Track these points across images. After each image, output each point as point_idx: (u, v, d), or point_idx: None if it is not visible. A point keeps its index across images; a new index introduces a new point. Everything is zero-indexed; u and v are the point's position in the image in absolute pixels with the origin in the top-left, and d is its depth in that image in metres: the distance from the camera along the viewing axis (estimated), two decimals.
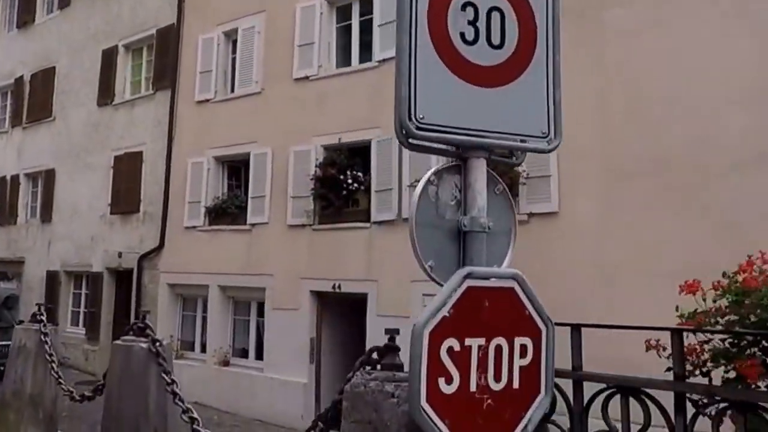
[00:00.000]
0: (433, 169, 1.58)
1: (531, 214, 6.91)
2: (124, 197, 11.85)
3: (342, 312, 9.07)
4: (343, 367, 9.34)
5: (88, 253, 12.63)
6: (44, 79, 14.39)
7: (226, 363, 9.64)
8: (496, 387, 1.46)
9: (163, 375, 3.43)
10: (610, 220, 6.46)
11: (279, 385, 8.78)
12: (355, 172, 8.40)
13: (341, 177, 8.38)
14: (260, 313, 9.58)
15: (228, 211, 9.89)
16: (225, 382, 9.51)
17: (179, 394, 3.27)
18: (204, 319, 10.38)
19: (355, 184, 8.35)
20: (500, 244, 1.69)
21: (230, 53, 10.73)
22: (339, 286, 8.31)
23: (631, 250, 6.26)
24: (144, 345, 3.54)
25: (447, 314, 1.44)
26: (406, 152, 7.84)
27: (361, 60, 9.04)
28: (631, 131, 6.47)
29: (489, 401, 1.45)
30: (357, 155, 8.58)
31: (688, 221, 6.01)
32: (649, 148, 6.34)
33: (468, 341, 1.43)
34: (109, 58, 12.77)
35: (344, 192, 8.41)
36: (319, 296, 8.78)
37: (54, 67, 14.20)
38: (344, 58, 9.35)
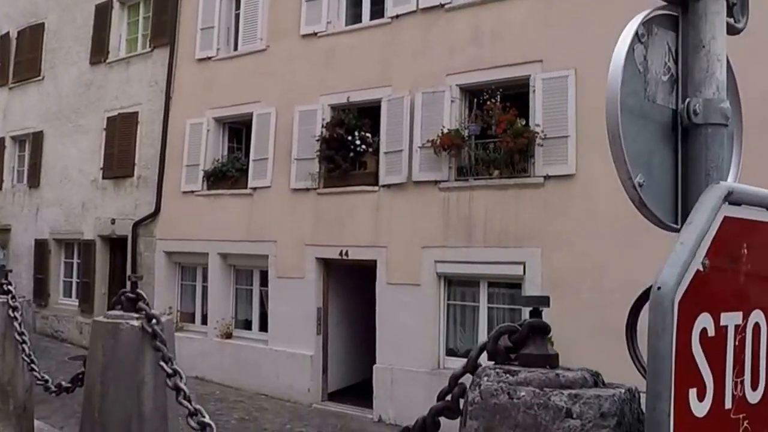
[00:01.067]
0: (640, 17, 1.03)
1: (547, 177, 6.89)
2: (118, 161, 11.79)
3: (350, 280, 9.09)
4: (352, 338, 9.42)
5: (78, 220, 12.62)
6: (32, 36, 14.19)
7: (228, 335, 9.70)
8: (752, 399, 0.99)
9: (162, 364, 2.58)
10: None
11: (285, 357, 8.84)
12: (363, 133, 8.34)
13: (349, 138, 8.32)
14: (263, 282, 9.61)
15: (228, 175, 9.85)
16: (227, 355, 9.58)
17: (184, 390, 2.47)
18: (204, 288, 10.40)
19: (363, 146, 8.30)
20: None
21: (234, 9, 10.58)
22: (346, 253, 8.31)
23: None
24: (136, 323, 2.72)
25: (701, 268, 0.91)
26: (417, 112, 7.81)
27: (372, 16, 8.92)
28: None
29: (746, 425, 0.97)
30: (366, 115, 8.51)
31: None
32: None
33: (724, 318, 0.94)
34: (102, 13, 12.58)
35: (351, 154, 8.36)
36: (325, 264, 8.79)
37: (43, 24, 13.99)
38: (354, 14, 9.23)
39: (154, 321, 2.73)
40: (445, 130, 7.47)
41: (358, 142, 8.27)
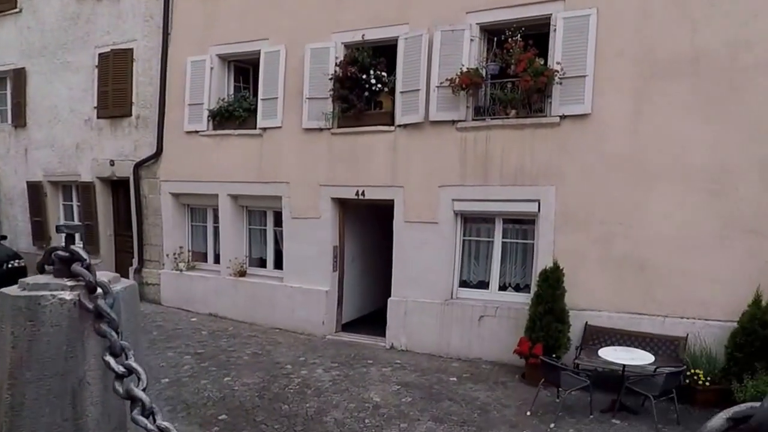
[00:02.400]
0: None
1: (563, 117, 7.49)
2: (113, 100, 12.00)
3: (366, 219, 9.77)
4: (366, 274, 10.26)
5: (73, 161, 12.92)
6: None
7: (242, 273, 10.40)
8: None
9: (109, 359, 1.78)
10: (643, 122, 7.09)
11: (300, 293, 9.61)
12: (378, 72, 8.75)
13: (364, 77, 8.73)
14: (278, 222, 10.23)
15: (235, 115, 10.22)
16: (242, 292, 10.32)
17: (143, 401, 1.71)
18: (216, 229, 10.99)
19: (379, 85, 8.73)
20: None
21: None
22: (362, 193, 8.93)
23: (664, 152, 6.96)
24: (68, 296, 1.89)
25: None
26: (435, 51, 8.23)
27: None
28: (670, 29, 6.95)
29: None
30: (381, 54, 8.89)
31: (721, 123, 6.68)
32: (686, 47, 6.86)
33: None
34: None
35: (367, 93, 8.80)
36: (340, 203, 9.41)
37: None
38: None
39: (99, 292, 1.86)
40: (464, 69, 7.93)
41: (373, 81, 8.70)
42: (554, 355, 6.82)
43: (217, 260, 11.00)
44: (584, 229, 7.40)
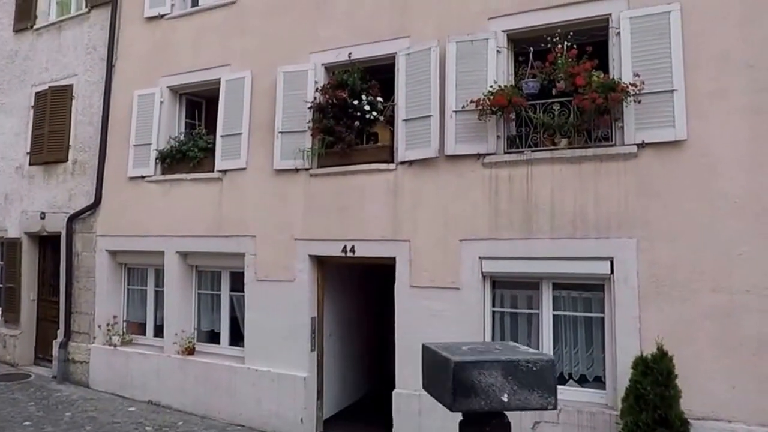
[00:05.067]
0: None
1: (642, 145, 3.81)
2: (48, 143, 7.12)
3: (353, 283, 5.48)
4: (350, 353, 5.72)
5: (0, 214, 7.77)
6: None
7: (191, 351, 5.63)
8: None
9: None
10: (762, 152, 3.56)
11: (268, 380, 5.00)
12: (371, 97, 4.80)
13: (355, 103, 4.73)
14: (235, 285, 5.68)
15: (189, 155, 5.76)
16: (191, 375, 5.51)
17: None
18: (158, 294, 6.22)
19: (374, 113, 4.74)
20: None
21: None
22: (353, 249, 4.70)
23: None
24: None
25: None
26: (450, 67, 4.37)
27: None
28: None
29: None
30: (371, 76, 4.97)
31: None
32: None
33: None
34: None
35: (358, 123, 4.76)
36: (319, 262, 5.12)
37: None
38: None
39: None
40: (492, 88, 4.16)
41: (367, 108, 4.69)
42: None
43: (158, 333, 6.11)
44: (688, 299, 3.58)
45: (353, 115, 4.74)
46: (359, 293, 5.73)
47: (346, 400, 5.58)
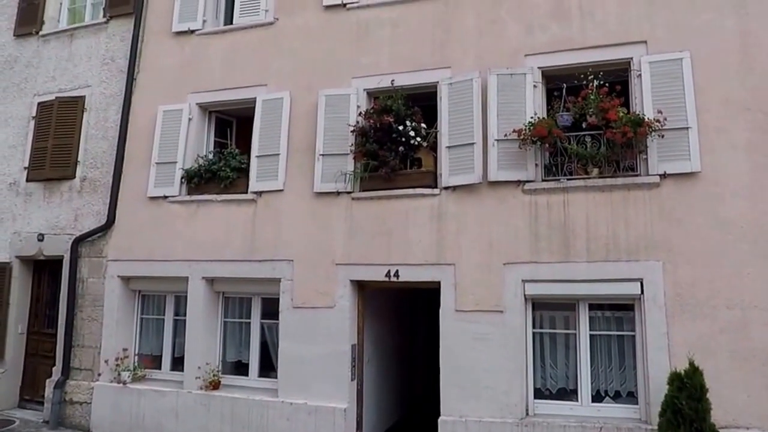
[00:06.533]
0: None
1: (664, 175, 6.25)
2: (52, 158, 9.81)
3: (396, 308, 7.88)
4: (386, 377, 8.08)
5: None
6: None
7: (215, 385, 7.98)
8: None
9: None
10: (760, 184, 5.97)
11: (305, 413, 7.30)
12: (416, 123, 7.35)
13: (401, 128, 7.27)
14: (266, 313, 8.11)
15: (220, 175, 8.34)
16: (216, 414, 7.80)
17: None
18: (177, 324, 8.66)
19: (418, 139, 7.29)
20: None
21: None
22: (396, 274, 7.13)
23: None
24: None
25: None
26: (491, 98, 6.96)
27: None
28: None
29: None
30: (414, 103, 7.54)
31: None
32: None
33: None
34: None
35: (401, 148, 7.31)
36: (360, 288, 7.53)
37: None
38: None
39: None
40: (533, 119, 6.67)
41: (412, 134, 7.25)
42: None
43: (176, 366, 8.55)
44: (708, 315, 5.90)
45: (397, 140, 7.30)
46: (393, 317, 8.08)
47: (382, 428, 7.82)
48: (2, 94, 10.71)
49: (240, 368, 8.24)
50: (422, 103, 7.57)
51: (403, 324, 8.01)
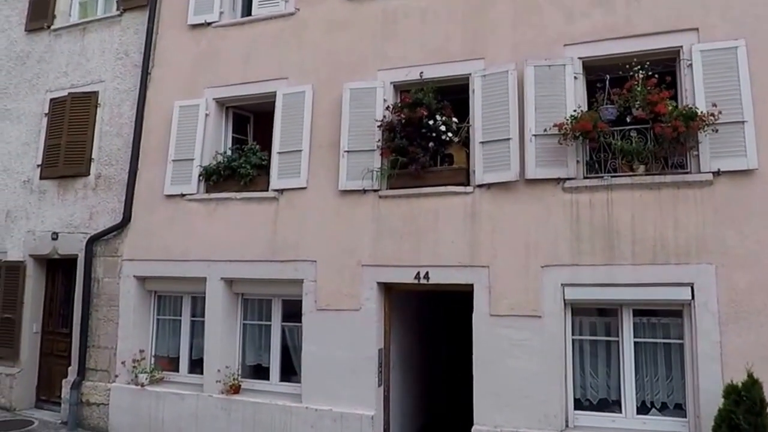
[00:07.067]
0: None
1: (718, 173, 5.70)
2: (66, 155, 9.34)
3: (420, 312, 7.39)
4: (411, 382, 7.57)
5: (1, 234, 9.94)
6: None
7: (236, 389, 7.50)
8: None
9: None
10: None
11: (330, 419, 6.82)
12: (446, 118, 6.82)
13: (431, 122, 6.76)
14: (288, 315, 7.63)
15: (240, 173, 7.83)
16: (237, 419, 7.33)
17: None
18: (194, 325, 8.21)
19: (449, 134, 6.77)
20: None
21: None
22: (426, 276, 6.62)
23: None
24: None
25: None
26: (528, 91, 6.42)
27: None
28: None
29: None
30: (444, 96, 7.01)
31: None
32: None
33: None
34: None
35: (432, 144, 6.79)
36: (386, 290, 7.04)
37: None
38: None
39: None
40: (575, 113, 6.14)
41: (442, 129, 6.73)
42: None
43: (194, 369, 8.10)
44: (765, 324, 5.35)
45: (427, 135, 6.78)
46: (417, 321, 7.59)
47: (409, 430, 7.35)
48: (14, 90, 10.25)
49: (259, 372, 7.76)
50: (451, 96, 7.02)
51: (427, 328, 7.54)
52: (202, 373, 7.83)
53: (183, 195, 8.21)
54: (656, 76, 6.01)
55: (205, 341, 7.83)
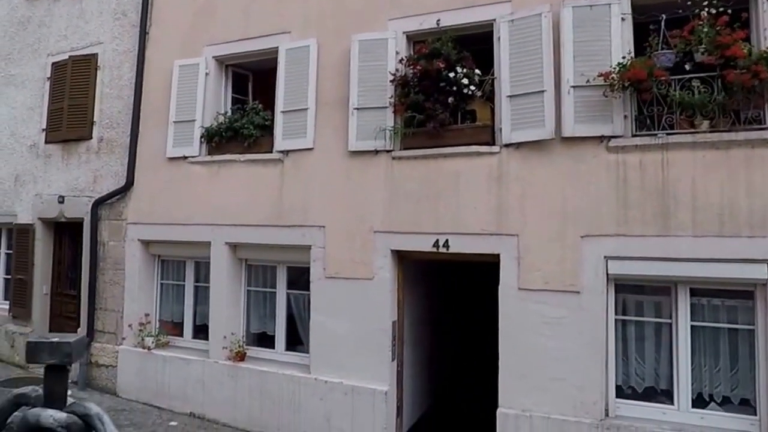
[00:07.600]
0: None
1: None
2: (68, 119, 6.67)
3: (441, 283, 5.14)
4: (423, 358, 5.31)
5: (10, 198, 7.27)
6: None
7: (241, 357, 5.25)
8: None
9: None
10: None
11: (341, 393, 4.64)
12: (468, 69, 4.42)
13: (451, 75, 4.36)
14: (293, 282, 5.30)
15: (243, 134, 5.35)
16: (243, 386, 5.10)
17: None
18: (198, 290, 5.84)
19: (472, 87, 4.38)
20: None
21: None
22: (446, 244, 4.35)
23: None
24: None
25: None
26: (566, 36, 4.01)
27: None
28: None
29: None
30: (463, 46, 4.58)
31: None
32: None
33: None
34: None
35: (451, 99, 4.40)
36: (401, 259, 4.77)
37: None
38: None
39: None
40: (624, 60, 3.81)
41: (465, 81, 4.33)
42: None
43: (198, 335, 5.75)
44: None
45: (446, 89, 4.36)
46: (430, 292, 5.37)
47: (417, 413, 5.24)
48: (18, 56, 7.38)
49: (263, 340, 5.43)
50: (471, 47, 4.54)
51: (442, 301, 5.36)
52: (205, 338, 5.50)
53: (185, 157, 5.67)
54: (729, 12, 3.67)
55: (210, 307, 5.46)
